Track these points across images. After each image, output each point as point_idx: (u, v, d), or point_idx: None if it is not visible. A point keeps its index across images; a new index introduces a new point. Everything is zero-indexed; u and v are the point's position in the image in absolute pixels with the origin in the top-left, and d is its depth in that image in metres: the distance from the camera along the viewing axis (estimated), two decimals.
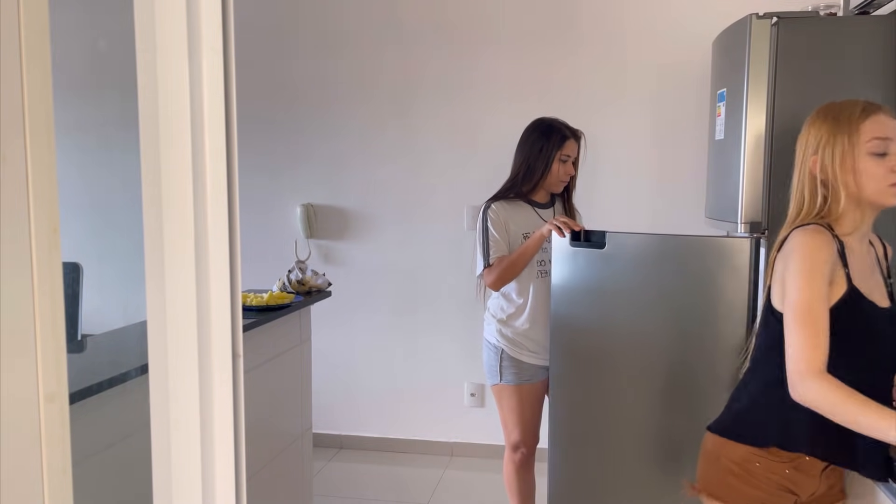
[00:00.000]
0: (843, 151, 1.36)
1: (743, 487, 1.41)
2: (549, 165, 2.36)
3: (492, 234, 2.36)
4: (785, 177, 2.14)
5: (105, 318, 3.17)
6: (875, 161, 1.34)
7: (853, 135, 1.35)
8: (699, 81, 3.08)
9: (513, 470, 2.52)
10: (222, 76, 0.69)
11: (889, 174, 1.33)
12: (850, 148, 1.35)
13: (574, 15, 3.33)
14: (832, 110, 1.41)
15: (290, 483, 2.71)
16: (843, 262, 1.35)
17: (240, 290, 0.73)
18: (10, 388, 0.52)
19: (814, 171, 1.41)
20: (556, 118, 2.43)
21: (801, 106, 2.13)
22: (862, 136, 1.35)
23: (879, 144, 1.34)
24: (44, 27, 0.53)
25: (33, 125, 0.52)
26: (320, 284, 2.80)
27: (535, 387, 2.42)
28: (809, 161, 1.43)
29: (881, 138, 1.34)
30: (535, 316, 2.38)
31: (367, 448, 3.70)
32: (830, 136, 1.38)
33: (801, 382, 1.25)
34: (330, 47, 3.56)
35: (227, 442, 0.72)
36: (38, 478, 0.54)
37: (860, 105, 1.37)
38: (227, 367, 0.71)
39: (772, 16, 2.11)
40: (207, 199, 0.68)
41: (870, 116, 1.35)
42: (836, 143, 1.37)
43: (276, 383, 2.59)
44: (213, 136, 0.68)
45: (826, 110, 1.42)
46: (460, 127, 3.47)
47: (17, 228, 0.52)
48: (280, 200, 3.67)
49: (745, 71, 2.15)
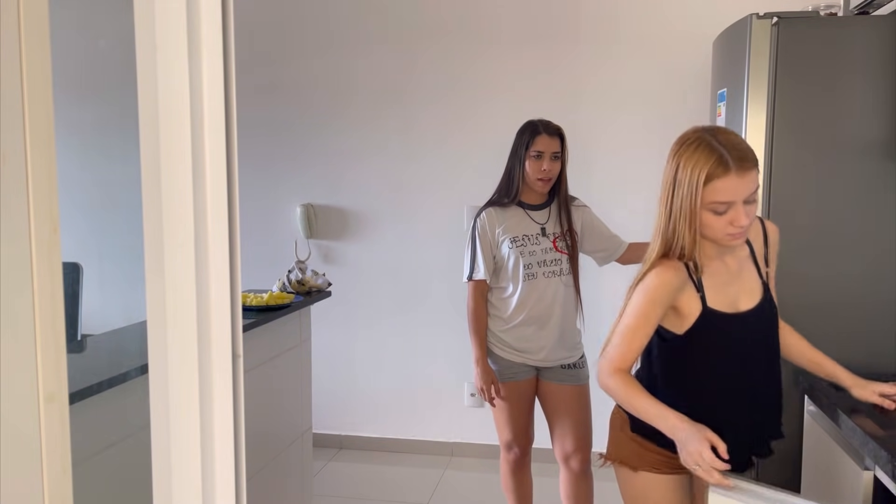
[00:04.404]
0: (687, 205, 1.47)
1: (644, 453, 1.62)
2: (522, 164, 2.36)
3: (477, 248, 2.41)
4: (785, 177, 2.15)
5: (105, 318, 3.17)
6: (715, 216, 1.47)
7: (695, 196, 1.45)
8: (699, 81, 3.08)
9: (508, 470, 2.52)
10: (222, 76, 0.69)
11: (727, 226, 1.47)
12: (693, 204, 1.46)
13: (574, 15, 3.33)
14: (684, 158, 1.48)
15: (290, 483, 2.71)
16: (698, 287, 1.54)
17: (240, 290, 0.73)
18: (10, 388, 0.52)
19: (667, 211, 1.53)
20: (539, 118, 2.42)
21: (801, 106, 2.14)
22: (704, 198, 1.45)
23: (718, 206, 1.45)
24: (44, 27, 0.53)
25: (33, 125, 0.52)
26: (320, 284, 2.80)
27: (519, 385, 2.42)
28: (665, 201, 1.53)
29: (721, 202, 1.44)
30: (520, 315, 2.38)
31: (367, 448, 3.70)
32: (679, 187, 1.49)
33: (608, 375, 1.52)
34: (330, 47, 3.56)
35: (227, 442, 0.72)
36: (38, 478, 0.54)
37: (708, 166, 1.43)
38: (227, 367, 0.72)
39: (772, 16, 2.11)
40: (207, 200, 0.68)
41: (711, 182, 1.43)
42: (682, 195, 1.48)
43: (276, 383, 2.59)
44: (213, 137, 0.68)
45: (679, 155, 1.50)
46: (460, 127, 3.47)
47: (17, 228, 0.52)
48: (280, 200, 3.67)
49: (745, 71, 2.15)
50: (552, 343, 2.38)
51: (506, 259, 2.38)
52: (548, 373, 2.42)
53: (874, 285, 2.12)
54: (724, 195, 1.44)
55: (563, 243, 2.40)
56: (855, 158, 2.11)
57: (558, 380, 2.41)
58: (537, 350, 2.39)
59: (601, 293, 3.31)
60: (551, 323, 2.38)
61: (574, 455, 2.40)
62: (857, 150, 2.11)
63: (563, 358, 2.41)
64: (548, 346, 2.38)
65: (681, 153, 1.49)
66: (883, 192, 2.10)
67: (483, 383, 2.38)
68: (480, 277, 2.40)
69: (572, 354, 2.43)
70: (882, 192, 2.10)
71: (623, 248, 2.53)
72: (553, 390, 2.42)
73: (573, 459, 2.41)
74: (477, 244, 2.41)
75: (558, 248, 2.39)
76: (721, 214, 1.46)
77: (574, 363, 2.43)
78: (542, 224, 2.40)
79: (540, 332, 2.38)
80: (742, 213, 1.45)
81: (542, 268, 2.36)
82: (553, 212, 2.43)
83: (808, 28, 2.13)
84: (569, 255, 2.40)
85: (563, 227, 2.41)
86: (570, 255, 2.41)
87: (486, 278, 2.40)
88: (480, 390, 2.39)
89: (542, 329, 2.38)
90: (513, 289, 2.38)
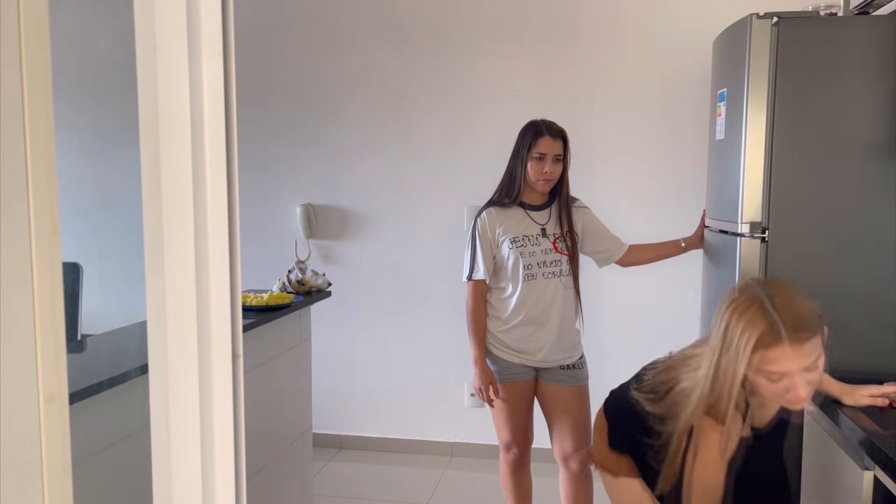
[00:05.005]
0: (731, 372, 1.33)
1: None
2: (524, 165, 2.36)
3: (477, 248, 2.41)
4: (785, 177, 2.15)
5: (105, 318, 3.17)
6: (769, 383, 1.32)
7: (741, 363, 1.30)
8: (699, 81, 3.08)
9: (507, 470, 2.52)
10: (222, 76, 0.69)
11: (784, 393, 1.32)
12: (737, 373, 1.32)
13: (574, 15, 3.33)
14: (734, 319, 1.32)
15: (290, 483, 2.71)
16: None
17: (240, 290, 0.73)
18: (10, 388, 0.52)
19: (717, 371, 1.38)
20: (542, 118, 2.41)
21: (801, 106, 2.14)
22: (755, 364, 1.30)
23: (772, 375, 1.31)
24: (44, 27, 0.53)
25: (33, 125, 0.52)
26: (320, 284, 2.80)
27: (518, 385, 2.42)
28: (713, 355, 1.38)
29: (774, 372, 1.30)
30: (519, 316, 2.38)
31: (367, 448, 3.70)
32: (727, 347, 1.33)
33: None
34: (330, 47, 3.56)
35: (227, 442, 0.72)
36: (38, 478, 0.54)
37: (757, 334, 1.28)
38: (227, 367, 0.72)
39: (772, 16, 2.11)
40: (207, 200, 0.68)
41: (760, 351, 1.29)
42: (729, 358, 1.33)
43: (276, 383, 2.59)
44: (213, 136, 0.68)
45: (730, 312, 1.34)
46: (461, 127, 3.47)
47: (17, 228, 0.52)
48: (280, 200, 3.67)
49: (745, 71, 2.15)
50: (551, 344, 2.38)
51: (506, 259, 2.38)
52: (547, 373, 2.42)
53: (874, 285, 2.12)
54: (775, 366, 1.28)
55: (564, 244, 2.40)
56: (855, 158, 2.11)
57: (557, 380, 2.41)
58: (536, 351, 2.39)
59: (601, 294, 3.31)
60: (550, 323, 2.38)
61: (573, 455, 2.40)
62: (857, 150, 2.11)
63: (562, 358, 2.41)
64: (546, 347, 2.38)
65: (732, 310, 1.33)
66: (883, 192, 2.10)
67: (481, 384, 2.38)
68: (480, 277, 2.40)
69: (571, 355, 2.43)
70: (882, 192, 2.10)
71: (623, 250, 2.53)
72: (552, 391, 2.42)
73: (572, 460, 2.41)
74: (477, 244, 2.41)
75: (558, 249, 2.38)
76: (776, 382, 1.31)
77: (573, 364, 2.43)
78: (543, 225, 2.40)
79: (539, 332, 2.38)
80: (799, 384, 1.29)
81: (542, 268, 2.36)
82: (554, 212, 2.43)
83: (808, 28, 2.13)
84: (569, 256, 2.40)
85: (564, 227, 2.41)
86: (570, 256, 2.40)
87: (485, 278, 2.40)
88: (479, 391, 2.39)
89: (541, 330, 2.38)
90: (512, 289, 2.38)
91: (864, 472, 1.55)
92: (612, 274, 2.80)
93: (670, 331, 3.31)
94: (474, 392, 2.44)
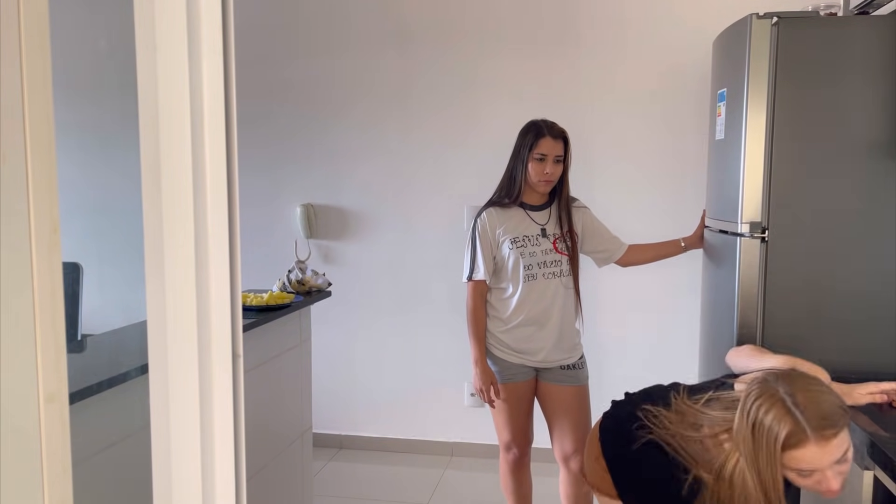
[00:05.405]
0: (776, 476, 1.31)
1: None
2: (525, 165, 2.36)
3: (477, 248, 2.41)
4: (785, 177, 2.15)
5: (105, 318, 3.17)
6: (801, 477, 1.32)
7: (773, 461, 1.30)
8: (699, 81, 3.08)
9: (507, 470, 2.52)
10: (222, 76, 0.69)
11: (816, 485, 1.31)
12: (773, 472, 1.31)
13: (574, 15, 3.33)
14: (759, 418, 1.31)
15: (290, 483, 2.71)
16: None
17: (240, 290, 0.73)
18: (10, 388, 0.52)
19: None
20: (542, 118, 2.40)
21: (801, 106, 2.14)
22: (783, 461, 1.30)
23: (802, 472, 1.31)
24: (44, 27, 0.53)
25: (33, 125, 0.52)
26: (320, 284, 2.80)
27: (518, 386, 2.41)
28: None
29: (803, 469, 1.30)
30: (519, 316, 2.38)
31: (367, 448, 3.70)
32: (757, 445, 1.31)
33: None
34: (330, 47, 3.56)
35: (227, 442, 0.72)
36: (38, 478, 0.54)
37: (783, 435, 1.27)
38: (227, 367, 0.71)
39: (772, 16, 2.11)
40: (207, 200, 0.68)
41: (787, 452, 1.28)
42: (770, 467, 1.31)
43: (276, 383, 2.59)
44: (213, 136, 0.68)
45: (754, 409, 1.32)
46: (461, 127, 3.47)
47: (17, 228, 0.52)
48: (280, 200, 3.67)
49: (745, 71, 2.15)
50: (551, 344, 2.38)
51: (506, 259, 2.37)
52: (547, 374, 2.42)
53: (874, 285, 2.12)
54: (804, 464, 1.28)
55: (564, 244, 2.40)
56: (855, 158, 2.11)
57: (557, 381, 2.41)
58: (536, 351, 2.39)
59: (601, 294, 3.31)
60: (550, 324, 2.38)
61: (573, 456, 2.40)
62: (857, 149, 2.11)
63: (562, 359, 2.41)
64: (547, 347, 2.38)
65: (755, 407, 1.32)
66: (883, 191, 2.10)
67: (482, 384, 2.38)
68: (480, 278, 2.40)
69: (571, 355, 2.43)
70: (882, 191, 2.10)
71: (623, 250, 2.53)
72: (552, 391, 2.42)
73: (573, 460, 2.41)
74: (477, 244, 2.40)
75: (558, 250, 2.38)
76: (807, 477, 1.30)
77: (573, 364, 2.43)
78: (543, 225, 2.40)
79: (539, 332, 2.38)
80: (830, 477, 1.28)
81: (542, 269, 2.36)
82: (554, 213, 2.43)
83: (808, 28, 2.13)
84: (569, 257, 2.40)
85: (564, 228, 2.41)
86: (571, 256, 2.40)
87: (485, 279, 2.40)
88: (479, 391, 2.39)
89: (541, 330, 2.38)
90: (512, 289, 2.38)
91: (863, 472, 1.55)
92: (612, 274, 2.80)
93: (670, 331, 3.31)
94: (475, 392, 2.44)
